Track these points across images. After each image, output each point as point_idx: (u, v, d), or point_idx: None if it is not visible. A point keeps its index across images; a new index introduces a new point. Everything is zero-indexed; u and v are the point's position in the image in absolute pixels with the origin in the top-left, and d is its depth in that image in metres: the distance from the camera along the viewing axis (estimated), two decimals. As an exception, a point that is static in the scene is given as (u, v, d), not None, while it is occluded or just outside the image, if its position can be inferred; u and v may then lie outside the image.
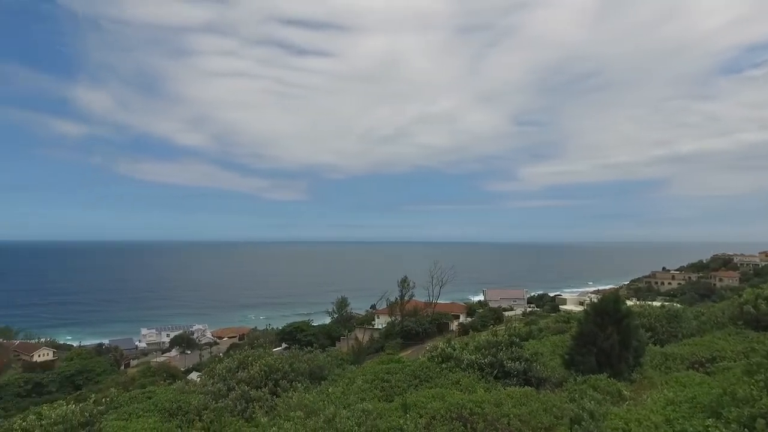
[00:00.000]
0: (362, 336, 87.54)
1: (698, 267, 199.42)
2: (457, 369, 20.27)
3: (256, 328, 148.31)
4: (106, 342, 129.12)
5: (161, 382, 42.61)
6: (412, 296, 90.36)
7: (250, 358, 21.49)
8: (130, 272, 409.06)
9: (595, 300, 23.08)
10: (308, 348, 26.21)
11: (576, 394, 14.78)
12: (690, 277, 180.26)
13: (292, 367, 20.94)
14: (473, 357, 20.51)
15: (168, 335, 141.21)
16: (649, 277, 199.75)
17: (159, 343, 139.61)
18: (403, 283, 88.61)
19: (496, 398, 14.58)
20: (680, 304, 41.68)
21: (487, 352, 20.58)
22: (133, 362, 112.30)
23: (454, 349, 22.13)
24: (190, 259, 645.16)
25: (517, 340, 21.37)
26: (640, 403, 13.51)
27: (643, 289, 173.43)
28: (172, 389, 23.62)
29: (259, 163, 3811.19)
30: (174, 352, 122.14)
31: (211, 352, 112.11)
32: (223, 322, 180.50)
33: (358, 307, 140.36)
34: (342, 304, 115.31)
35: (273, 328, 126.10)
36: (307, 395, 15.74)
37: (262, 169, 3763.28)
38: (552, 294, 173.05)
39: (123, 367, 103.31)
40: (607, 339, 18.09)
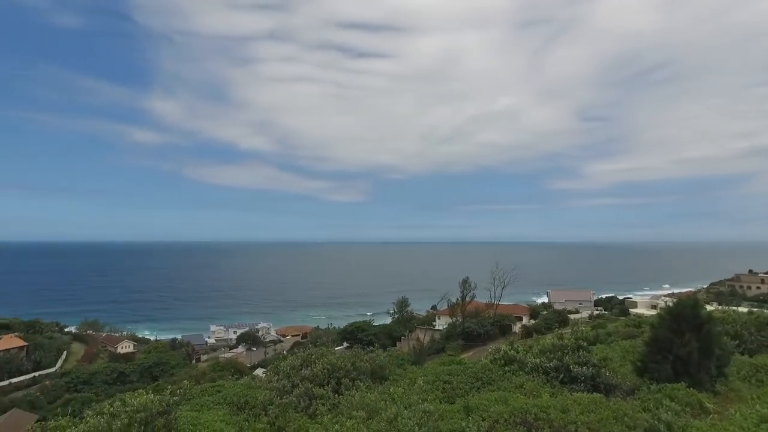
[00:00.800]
0: (423, 336, 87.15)
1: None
2: (521, 372, 19.75)
3: (319, 327, 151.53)
4: (179, 337, 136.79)
5: (229, 377, 44.40)
6: (473, 297, 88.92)
7: (313, 357, 21.99)
8: (200, 272, 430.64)
9: (670, 304, 21.68)
10: (369, 347, 26.46)
11: (650, 404, 13.95)
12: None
13: (354, 366, 21.20)
14: (538, 360, 19.90)
15: (235, 332, 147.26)
16: (733, 280, 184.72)
17: (226, 340, 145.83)
18: (465, 284, 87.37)
19: (563, 404, 14.04)
20: (771, 310, 38.24)
21: (552, 356, 19.91)
22: (203, 357, 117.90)
23: (518, 352, 21.58)
24: (255, 260, 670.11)
25: (584, 344, 20.53)
26: (727, 418, 12.48)
27: (726, 293, 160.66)
28: (240, 384, 24.57)
29: (320, 165, 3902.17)
30: (240, 349, 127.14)
31: (275, 350, 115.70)
32: (287, 321, 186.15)
33: (419, 308, 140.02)
34: (402, 304, 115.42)
35: (335, 328, 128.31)
36: (369, 394, 15.87)
37: (323, 171, 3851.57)
38: (621, 297, 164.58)
39: (194, 362, 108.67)
40: (685, 346, 16.91)
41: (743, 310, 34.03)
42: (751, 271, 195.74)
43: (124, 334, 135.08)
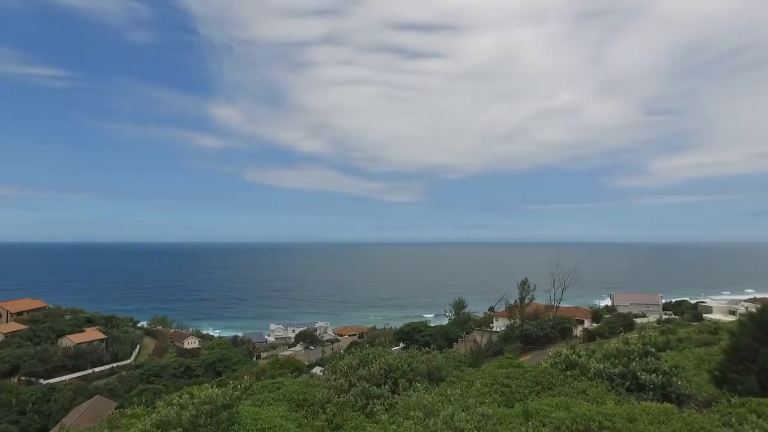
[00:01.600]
0: (480, 338, 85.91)
1: None
2: (583, 378, 18.98)
3: (375, 327, 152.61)
4: (241, 335, 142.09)
5: (288, 375, 45.60)
6: (532, 299, 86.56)
7: (370, 356, 22.14)
8: (260, 272, 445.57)
9: (753, 309, 20.09)
10: (426, 348, 26.31)
11: (732, 418, 12.88)
12: None
13: (410, 367, 21.17)
14: (601, 366, 19.03)
15: (293, 331, 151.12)
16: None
17: (285, 338, 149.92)
18: (523, 285, 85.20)
19: (630, 413, 13.34)
20: None
21: (617, 361, 18.97)
22: (264, 354, 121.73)
23: (580, 356, 20.76)
24: (313, 261, 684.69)
25: (653, 350, 19.39)
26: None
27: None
28: (299, 382, 25.15)
29: (376, 167, 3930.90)
30: (299, 347, 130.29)
31: (332, 349, 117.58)
32: (344, 321, 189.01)
33: (476, 309, 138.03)
34: (459, 305, 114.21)
35: (391, 328, 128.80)
36: (426, 395, 15.79)
37: (379, 172, 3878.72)
38: (693, 301, 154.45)
39: (255, 358, 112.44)
40: (772, 356, 15.63)
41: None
42: None
43: (190, 330, 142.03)
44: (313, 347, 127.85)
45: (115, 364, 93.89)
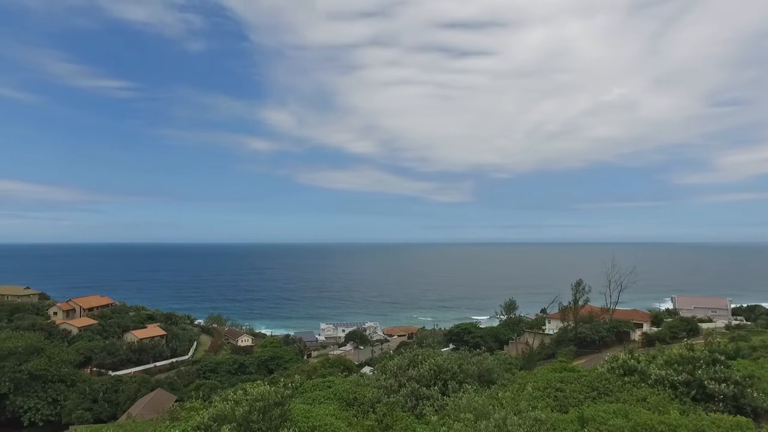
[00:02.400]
0: (532, 341, 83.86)
1: None
2: (643, 384, 18.09)
3: (424, 327, 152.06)
4: (292, 333, 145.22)
5: (339, 374, 46.15)
6: (586, 301, 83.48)
7: (419, 357, 22.08)
8: (310, 273, 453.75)
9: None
10: (476, 350, 25.99)
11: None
12: None
13: (461, 368, 20.95)
14: (663, 372, 18.06)
15: (343, 330, 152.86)
16: None
17: (335, 338, 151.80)
18: (577, 287, 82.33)
19: (697, 424, 12.56)
20: None
21: (681, 369, 17.95)
22: (314, 353, 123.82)
23: (639, 362, 19.81)
24: (363, 261, 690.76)
25: (722, 358, 18.19)
26: None
27: None
28: (349, 381, 25.43)
29: (424, 167, 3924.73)
30: (349, 347, 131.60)
31: (382, 349, 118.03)
32: (393, 321, 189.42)
33: (527, 311, 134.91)
34: (510, 306, 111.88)
35: (440, 329, 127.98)
36: (477, 398, 15.54)
37: (428, 173, 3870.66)
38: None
39: (306, 357, 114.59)
40: None
41: None
42: None
43: (244, 328, 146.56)
44: (362, 347, 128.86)
45: (174, 359, 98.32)
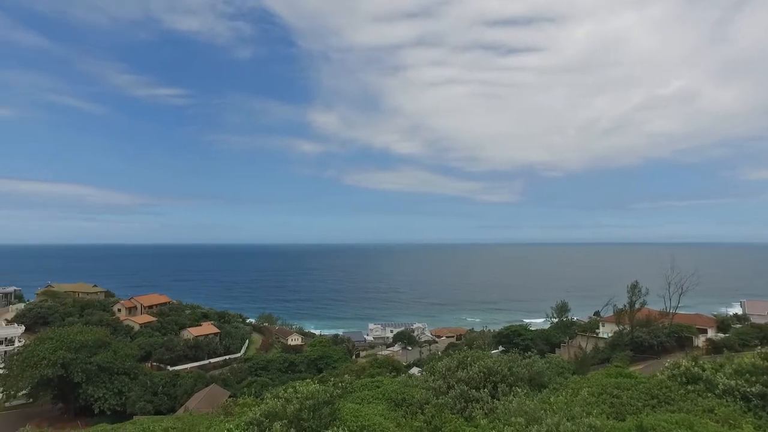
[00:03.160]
0: (585, 344, 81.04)
1: None
2: (709, 395, 17.06)
3: (473, 329, 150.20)
4: (341, 333, 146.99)
5: (387, 374, 46.22)
6: (644, 304, 79.72)
7: (468, 359, 21.81)
8: (358, 273, 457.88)
9: None
10: (527, 353, 25.38)
11: None
12: None
13: (511, 371, 20.51)
14: (733, 383, 16.96)
15: (391, 331, 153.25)
16: None
17: (384, 338, 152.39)
18: (633, 289, 78.80)
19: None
20: None
21: (754, 380, 16.79)
22: (362, 353, 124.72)
23: (704, 370, 18.73)
24: (410, 262, 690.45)
25: (799, 367, 16.92)
26: None
27: None
28: (397, 381, 25.43)
29: (472, 166, 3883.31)
30: (397, 347, 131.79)
31: (430, 350, 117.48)
32: (441, 322, 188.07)
33: (579, 313, 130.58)
34: (562, 308, 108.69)
35: (490, 330, 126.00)
36: (528, 401, 15.16)
37: (475, 172, 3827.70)
38: None
39: (354, 357, 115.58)
40: None
41: None
42: None
43: (294, 327, 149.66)
44: (410, 348, 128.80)
45: (227, 357, 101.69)
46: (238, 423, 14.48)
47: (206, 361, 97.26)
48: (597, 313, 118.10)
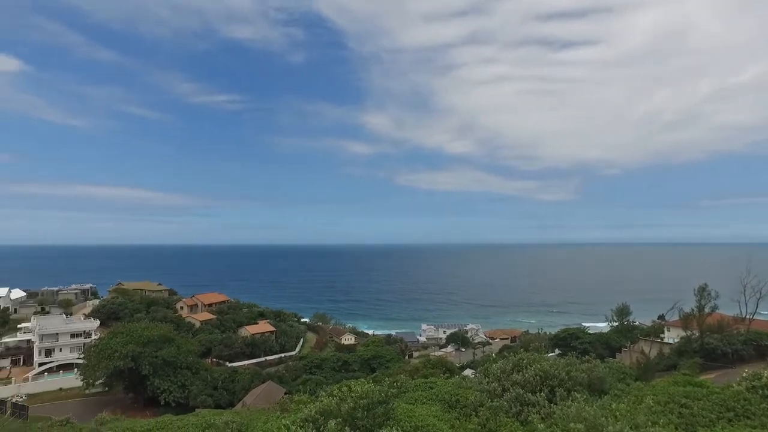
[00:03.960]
0: (648, 350, 77.14)
1: None
2: (794, 408, 15.72)
3: (528, 331, 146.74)
4: (393, 333, 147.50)
5: (440, 375, 45.85)
6: (714, 308, 74.72)
7: (524, 361, 21.24)
8: (410, 274, 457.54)
9: None
10: (585, 356, 24.45)
11: None
12: None
13: (569, 375, 19.79)
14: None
15: (444, 332, 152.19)
16: None
17: (436, 339, 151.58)
18: (702, 292, 74.00)
19: None
20: None
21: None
22: (415, 353, 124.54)
23: (787, 381, 17.32)
24: (463, 262, 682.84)
25: None
26: None
27: None
28: (451, 383, 25.15)
29: (526, 165, 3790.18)
30: (450, 348, 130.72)
31: (484, 351, 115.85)
32: (494, 324, 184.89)
33: (642, 317, 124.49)
34: (623, 311, 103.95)
35: (545, 333, 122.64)
36: (587, 407, 14.56)
37: (529, 171, 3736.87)
38: None
39: (407, 357, 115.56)
40: None
41: None
42: None
43: (347, 327, 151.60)
44: (464, 349, 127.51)
45: (282, 354, 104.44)
46: (294, 419, 14.77)
47: (262, 359, 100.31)
48: (661, 317, 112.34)
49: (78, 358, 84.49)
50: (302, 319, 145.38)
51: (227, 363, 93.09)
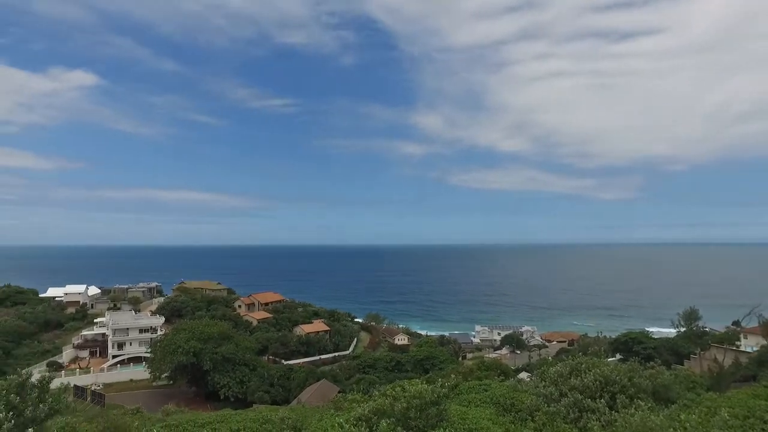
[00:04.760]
0: (722, 358, 72.29)
1: None
2: None
3: (587, 334, 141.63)
4: (447, 334, 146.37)
5: (495, 378, 44.94)
6: (799, 314, 69.18)
7: (583, 366, 20.41)
8: (464, 275, 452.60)
9: None
10: (649, 363, 23.22)
11: None
12: None
13: (631, 382, 18.83)
14: None
15: (499, 333, 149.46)
16: None
17: (491, 340, 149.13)
18: (783, 297, 68.67)
19: None
20: None
21: None
22: (469, 355, 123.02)
23: None
24: (518, 262, 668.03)
25: None
26: None
27: None
28: (506, 386, 24.58)
29: (583, 162, 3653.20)
30: (504, 350, 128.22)
31: (540, 354, 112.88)
32: (551, 327, 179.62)
33: (713, 322, 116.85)
34: (691, 316, 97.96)
35: (605, 336, 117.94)
36: (653, 416, 13.77)
37: (587, 168, 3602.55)
38: None
39: (461, 358, 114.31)
40: None
41: None
42: None
43: (400, 327, 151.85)
44: (519, 351, 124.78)
45: (336, 354, 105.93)
46: (348, 418, 14.88)
47: (317, 357, 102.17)
48: (737, 323, 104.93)
49: (146, 352, 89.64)
50: (356, 319, 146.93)
51: (283, 361, 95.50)
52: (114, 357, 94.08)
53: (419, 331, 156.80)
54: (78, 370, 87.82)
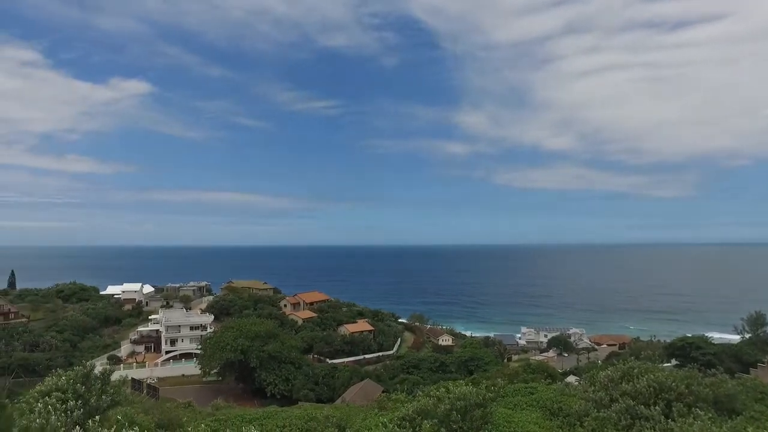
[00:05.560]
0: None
1: None
2: None
3: (639, 338, 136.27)
4: (492, 335, 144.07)
5: (542, 381, 43.86)
6: None
7: (635, 370, 19.54)
8: (509, 276, 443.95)
9: None
10: (710, 370, 21.95)
11: None
12: None
13: (689, 389, 17.84)
14: None
15: (545, 335, 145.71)
16: None
17: (537, 342, 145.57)
18: None
19: None
20: None
21: None
22: (514, 357, 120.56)
23: None
24: (565, 263, 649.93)
25: None
26: None
27: None
28: (553, 389, 23.90)
29: (635, 159, 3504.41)
30: (551, 353, 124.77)
31: (588, 358, 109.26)
32: (600, 329, 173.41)
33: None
34: (757, 321, 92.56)
35: (659, 341, 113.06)
36: (714, 428, 12.99)
37: (639, 165, 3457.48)
38: None
39: (506, 360, 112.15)
40: None
41: None
42: None
43: (444, 328, 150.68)
44: (566, 354, 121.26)
45: (380, 353, 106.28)
46: (392, 418, 14.86)
47: (361, 357, 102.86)
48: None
49: (196, 349, 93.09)
50: (399, 320, 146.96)
51: (327, 360, 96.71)
52: (167, 353, 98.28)
53: (464, 332, 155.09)
54: (135, 364, 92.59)
